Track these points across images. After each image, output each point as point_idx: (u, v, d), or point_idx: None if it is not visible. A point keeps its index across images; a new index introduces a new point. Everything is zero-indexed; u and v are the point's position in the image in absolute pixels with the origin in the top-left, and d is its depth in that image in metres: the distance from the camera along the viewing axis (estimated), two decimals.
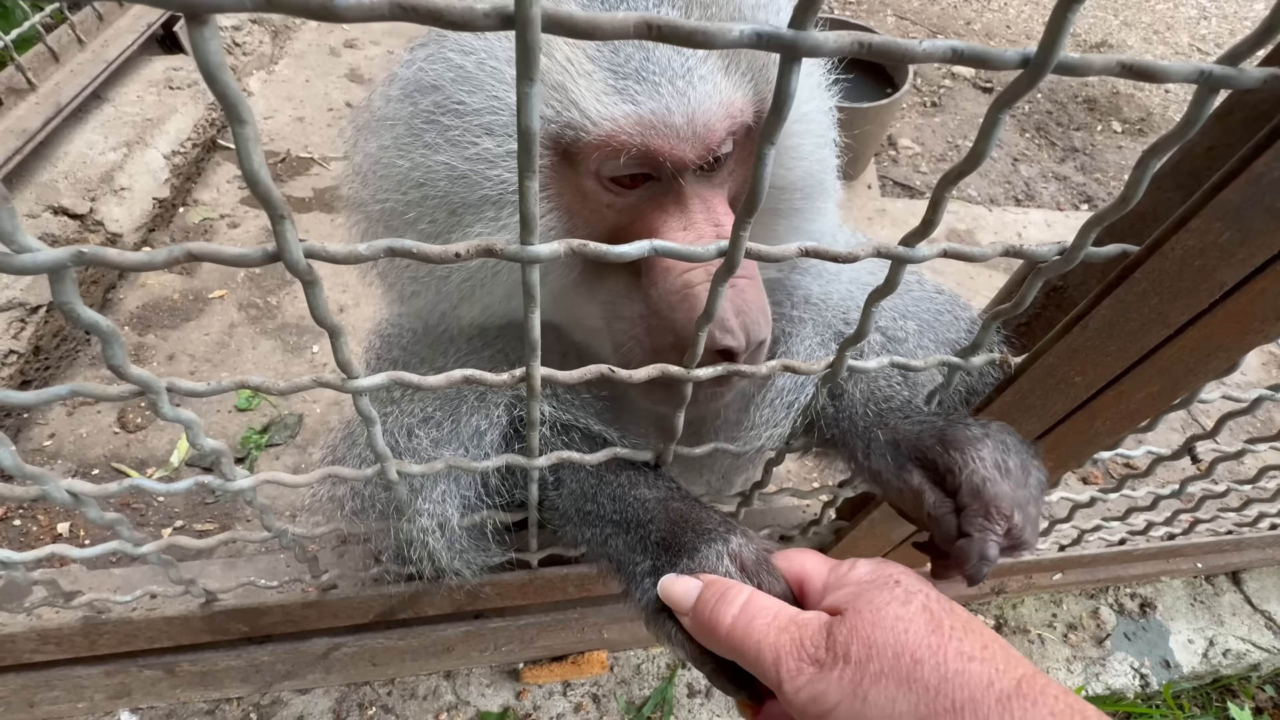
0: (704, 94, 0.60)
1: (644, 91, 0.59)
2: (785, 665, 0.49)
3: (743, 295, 0.64)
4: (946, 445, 0.63)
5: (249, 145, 0.32)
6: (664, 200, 0.65)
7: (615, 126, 0.59)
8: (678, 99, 0.59)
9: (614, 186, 0.64)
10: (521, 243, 0.41)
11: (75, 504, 0.59)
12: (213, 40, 0.28)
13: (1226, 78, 0.37)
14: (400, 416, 0.77)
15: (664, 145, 0.60)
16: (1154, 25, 4.88)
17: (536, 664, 1.43)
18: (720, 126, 0.61)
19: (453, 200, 0.63)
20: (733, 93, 0.63)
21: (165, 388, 0.48)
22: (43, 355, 1.95)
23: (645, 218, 0.65)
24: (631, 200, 0.65)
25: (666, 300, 0.64)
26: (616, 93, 0.59)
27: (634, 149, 0.60)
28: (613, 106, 0.59)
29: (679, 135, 0.60)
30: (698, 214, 0.65)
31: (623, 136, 0.59)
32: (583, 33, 0.30)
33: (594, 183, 0.64)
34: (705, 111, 0.60)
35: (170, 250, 0.37)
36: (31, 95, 2.23)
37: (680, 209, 0.65)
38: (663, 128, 0.59)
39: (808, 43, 0.32)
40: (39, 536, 1.72)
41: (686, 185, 0.64)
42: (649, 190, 0.65)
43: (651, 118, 0.59)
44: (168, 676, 1.19)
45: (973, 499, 0.60)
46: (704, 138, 0.61)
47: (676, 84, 0.59)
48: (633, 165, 0.62)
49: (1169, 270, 0.53)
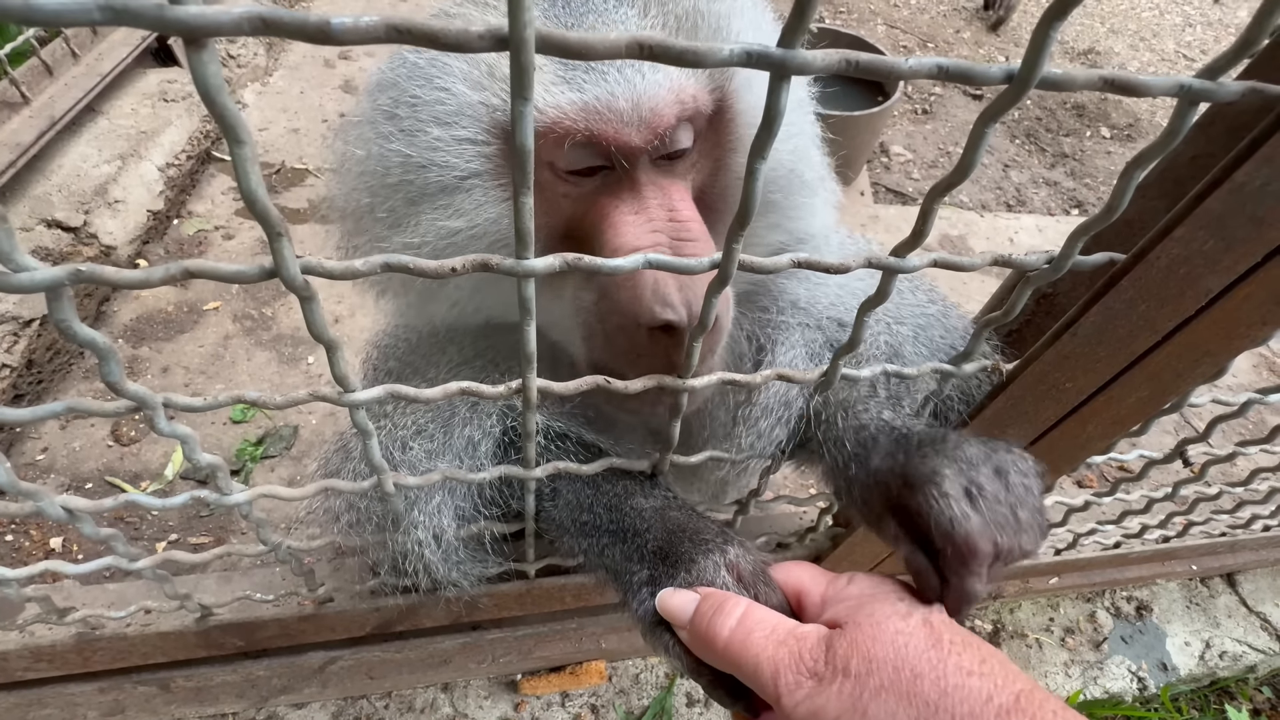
0: (653, 81, 0.61)
1: (590, 80, 0.60)
2: (784, 679, 0.49)
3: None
4: (910, 487, 0.58)
5: (247, 165, 0.32)
6: (618, 188, 0.66)
7: (560, 113, 0.60)
8: (624, 85, 0.60)
9: (570, 177, 0.65)
10: (516, 257, 0.41)
11: (70, 520, 0.59)
12: (211, 63, 0.29)
13: (1206, 91, 0.38)
14: (393, 430, 0.77)
15: (608, 130, 0.61)
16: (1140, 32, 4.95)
17: (534, 675, 1.42)
18: (669, 112, 0.62)
19: (408, 189, 0.65)
20: (684, 80, 0.63)
21: (161, 403, 0.48)
22: (36, 369, 1.94)
23: (599, 205, 0.66)
24: (586, 189, 0.66)
25: (613, 280, 0.65)
26: (564, 82, 0.61)
27: (579, 134, 0.61)
28: (559, 95, 0.60)
29: (624, 120, 0.61)
30: (651, 199, 0.65)
31: (567, 123, 0.60)
32: (575, 53, 0.31)
33: (549, 174, 0.65)
34: (653, 97, 0.61)
35: (167, 268, 0.37)
36: (25, 109, 2.23)
37: (634, 195, 0.65)
38: (607, 113, 0.60)
39: (796, 61, 0.32)
40: (31, 552, 1.70)
41: (640, 173, 0.65)
42: (603, 179, 0.66)
43: (596, 104, 0.60)
44: (162, 693, 1.17)
45: (945, 543, 0.54)
46: (651, 123, 0.62)
47: (625, 72, 0.61)
48: (583, 154, 0.63)
49: (1155, 278, 0.54)
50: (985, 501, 0.55)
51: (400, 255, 0.41)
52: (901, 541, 0.59)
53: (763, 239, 0.78)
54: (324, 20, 0.28)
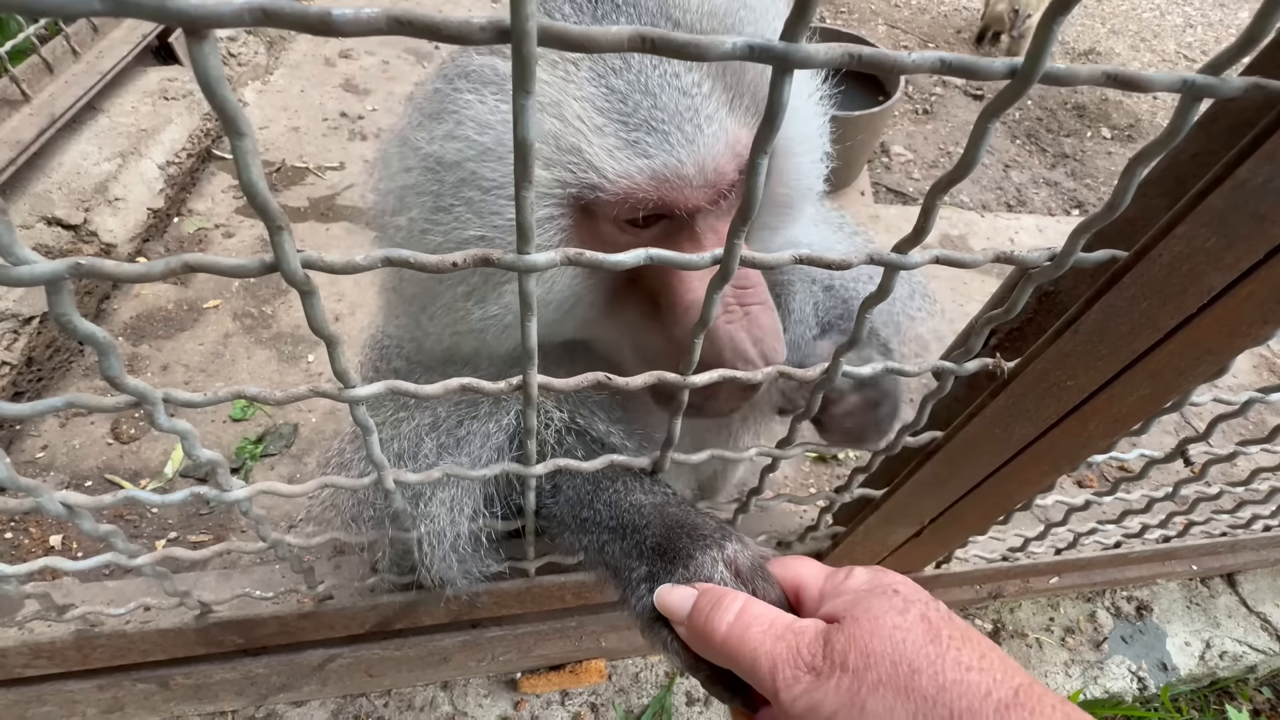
0: (711, 136, 0.62)
1: (655, 143, 0.61)
2: (781, 673, 0.49)
3: (757, 322, 0.67)
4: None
5: (247, 158, 0.32)
6: (678, 236, 0.68)
7: (631, 184, 0.61)
8: (687, 149, 0.61)
9: (629, 228, 0.66)
10: (518, 252, 0.41)
11: (70, 516, 0.59)
12: (211, 55, 0.29)
13: (1209, 87, 0.38)
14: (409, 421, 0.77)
15: (678, 196, 0.63)
16: (1141, 33, 4.95)
17: (534, 673, 1.42)
18: (729, 168, 0.64)
19: (488, 269, 0.66)
20: (738, 130, 0.64)
21: (161, 398, 0.48)
22: (36, 366, 1.94)
23: None
24: (646, 239, 0.67)
25: (688, 333, 0.66)
26: (629, 146, 0.61)
27: (650, 202, 0.62)
28: (626, 163, 0.61)
29: (691, 184, 0.62)
30: (710, 247, 0.67)
31: (639, 193, 0.62)
32: (578, 46, 0.31)
33: (611, 227, 0.66)
34: (714, 156, 0.62)
35: (167, 261, 0.37)
36: (25, 106, 2.22)
37: (693, 242, 0.67)
38: (675, 180, 0.62)
39: (799, 55, 0.32)
40: (31, 549, 1.70)
41: (699, 222, 0.67)
42: (663, 228, 0.68)
43: (664, 170, 0.61)
44: (161, 690, 1.17)
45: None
46: (714, 183, 0.64)
47: (685, 129, 0.61)
48: (646, 210, 0.64)
49: (1157, 275, 0.54)
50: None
51: (402, 250, 0.40)
52: None
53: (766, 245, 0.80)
54: (325, 12, 0.28)
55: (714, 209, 0.67)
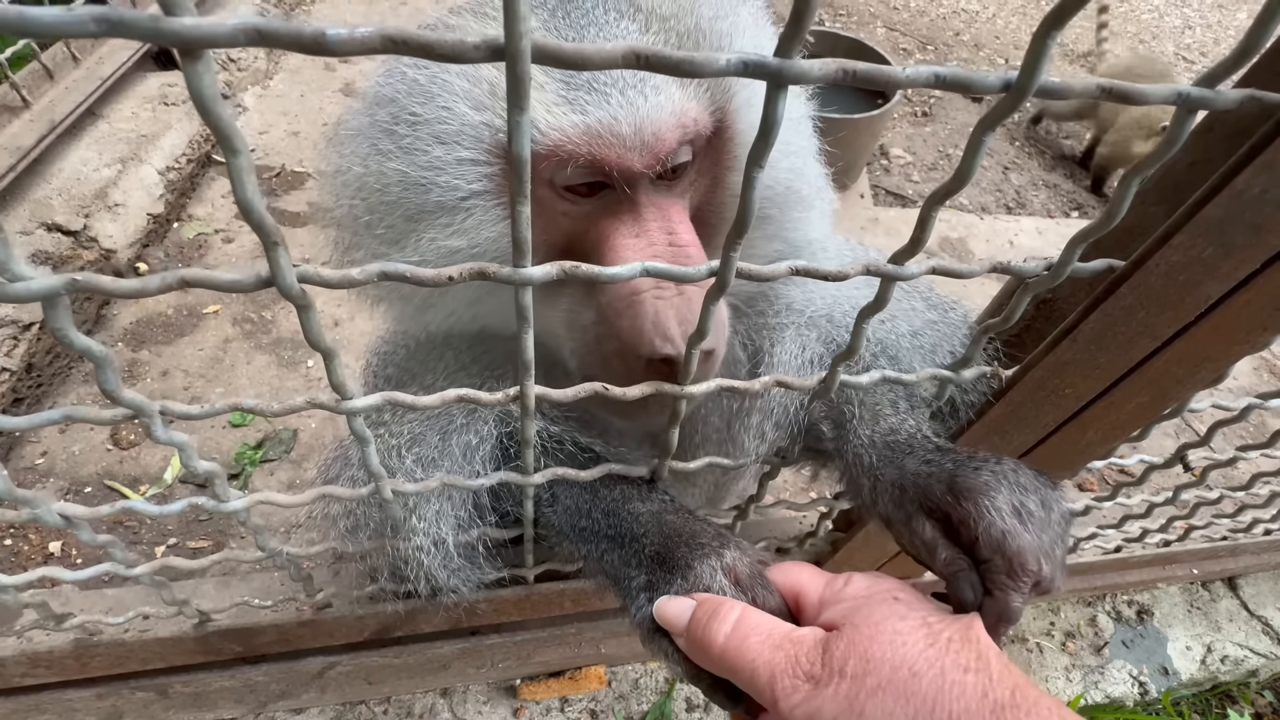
0: (655, 104, 0.61)
1: (593, 102, 0.60)
2: (780, 683, 0.48)
3: (689, 304, 0.63)
4: (957, 494, 0.59)
5: (242, 175, 0.32)
6: (618, 208, 0.65)
7: (563, 136, 0.60)
8: (626, 109, 0.60)
9: (569, 195, 0.65)
10: (514, 266, 0.41)
11: (68, 526, 0.59)
12: (206, 74, 0.29)
13: (1204, 99, 0.38)
14: (390, 437, 0.77)
15: (610, 154, 0.61)
16: (1140, 35, 4.95)
17: (534, 680, 1.42)
18: (670, 136, 0.62)
19: (408, 207, 0.65)
20: (686, 102, 0.63)
21: (159, 411, 0.48)
22: (35, 373, 1.94)
23: (599, 225, 0.66)
24: (586, 209, 0.66)
25: (613, 307, 0.64)
26: (567, 103, 0.60)
27: (581, 158, 0.61)
28: (561, 117, 0.60)
29: (626, 144, 0.61)
30: (651, 221, 0.65)
31: (569, 146, 0.60)
32: (571, 63, 0.31)
33: (549, 191, 0.64)
34: (655, 121, 0.61)
35: (163, 278, 0.37)
36: (26, 113, 2.23)
37: (634, 216, 0.65)
38: (609, 137, 0.60)
39: (793, 71, 0.32)
40: (30, 556, 1.70)
41: (640, 194, 0.65)
42: (604, 199, 0.66)
43: (598, 127, 0.60)
44: (160, 698, 1.17)
45: (994, 554, 0.55)
46: (653, 147, 0.62)
47: (628, 94, 0.60)
48: (584, 174, 0.63)
49: (1154, 284, 0.54)
50: (1034, 525, 0.56)
51: (397, 264, 0.40)
52: (940, 545, 0.59)
53: (759, 250, 0.78)
54: (319, 31, 0.28)
55: (661, 185, 0.66)
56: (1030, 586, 0.55)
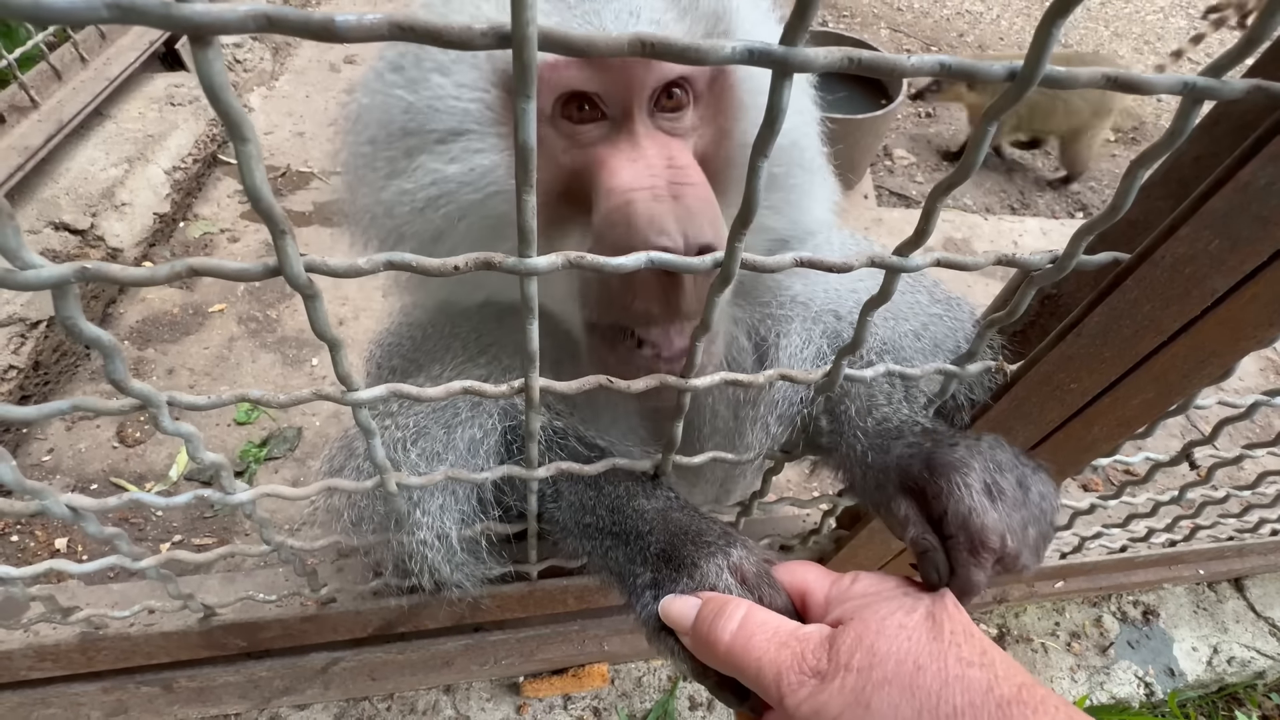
0: (648, 21, 0.62)
1: (580, 17, 0.61)
2: (786, 680, 0.48)
3: (685, 205, 0.61)
4: (933, 471, 0.59)
5: (251, 163, 0.32)
6: (615, 137, 0.65)
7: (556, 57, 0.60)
8: (616, 23, 0.61)
9: (566, 126, 0.64)
10: (519, 255, 0.41)
11: (75, 519, 0.59)
12: (216, 60, 0.29)
13: (1210, 89, 0.38)
14: (394, 430, 0.77)
15: (602, 70, 0.61)
16: (1144, 36, 4.94)
17: (537, 677, 1.42)
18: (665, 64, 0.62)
19: (408, 135, 0.66)
20: (678, 30, 0.64)
21: (166, 401, 0.48)
22: (42, 370, 1.96)
23: (596, 155, 0.65)
24: (583, 142, 0.65)
25: (608, 219, 0.62)
26: (563, 26, 0.61)
27: (575, 75, 0.61)
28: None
29: (619, 62, 0.61)
30: (648, 147, 0.64)
31: (564, 66, 0.61)
32: (579, 50, 0.31)
33: (546, 126, 0.64)
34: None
35: (172, 265, 0.37)
36: (34, 113, 2.25)
37: (630, 142, 0.64)
38: None
39: (798, 59, 0.32)
40: (36, 552, 1.71)
41: (638, 124, 0.64)
42: (601, 128, 0.65)
43: None
44: (165, 693, 1.18)
45: (959, 530, 0.55)
46: (647, 66, 0.61)
47: (621, 16, 0.62)
48: (571, 89, 0.63)
49: (1160, 277, 0.53)
50: (1004, 504, 0.57)
51: (404, 254, 0.41)
52: (912, 520, 0.60)
53: (764, 223, 0.77)
54: (328, 18, 0.28)
55: (661, 116, 0.65)
56: (993, 563, 0.55)
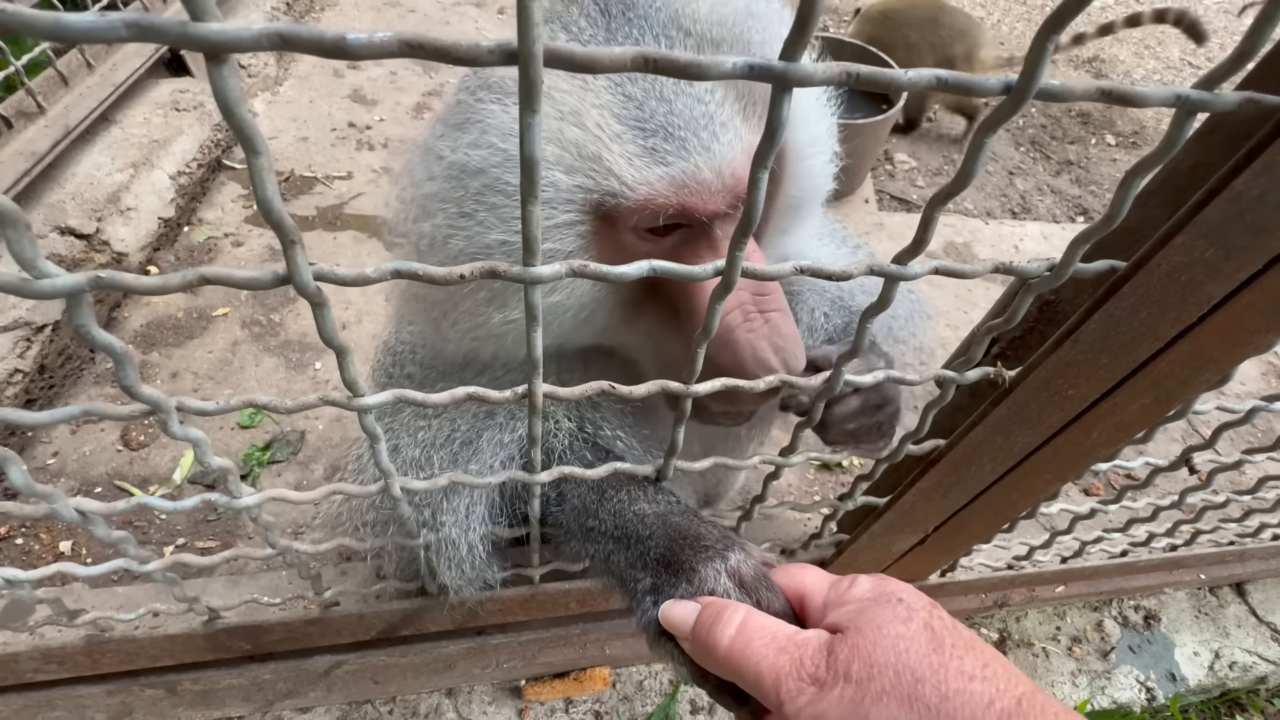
0: (728, 143, 0.63)
1: (672, 149, 0.62)
2: (785, 686, 0.49)
3: (778, 330, 0.67)
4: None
5: (263, 175, 0.33)
6: (696, 244, 0.68)
7: (651, 190, 0.62)
8: (705, 155, 0.62)
9: (650, 236, 0.68)
10: (524, 265, 0.42)
11: (83, 522, 0.60)
12: (230, 77, 0.30)
13: (1203, 102, 0.39)
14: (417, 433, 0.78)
15: (697, 202, 0.64)
16: (1145, 40, 4.95)
17: (539, 681, 1.42)
18: (746, 174, 0.64)
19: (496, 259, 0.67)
20: (752, 137, 0.66)
21: (175, 407, 0.49)
22: (48, 374, 1.97)
23: (680, 260, 0.68)
24: (666, 246, 0.68)
25: (714, 344, 0.66)
26: (648, 153, 0.62)
27: (670, 209, 0.64)
28: (645, 170, 0.62)
29: (710, 190, 0.63)
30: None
31: (659, 199, 0.63)
32: (582, 67, 0.32)
33: (631, 235, 0.67)
34: (731, 161, 0.63)
35: (184, 274, 0.38)
36: (41, 118, 2.26)
37: (711, 250, 0.68)
38: (694, 185, 0.63)
39: (797, 74, 0.33)
40: (41, 555, 1.72)
41: (717, 227, 0.68)
42: (682, 235, 0.69)
43: (683, 177, 0.62)
44: (169, 696, 1.18)
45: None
46: (733, 188, 0.65)
47: (700, 135, 0.62)
48: (668, 218, 0.65)
49: (1156, 285, 0.54)
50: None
51: (411, 263, 0.41)
52: None
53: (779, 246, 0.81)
54: (340, 35, 0.29)
55: (734, 214, 0.68)
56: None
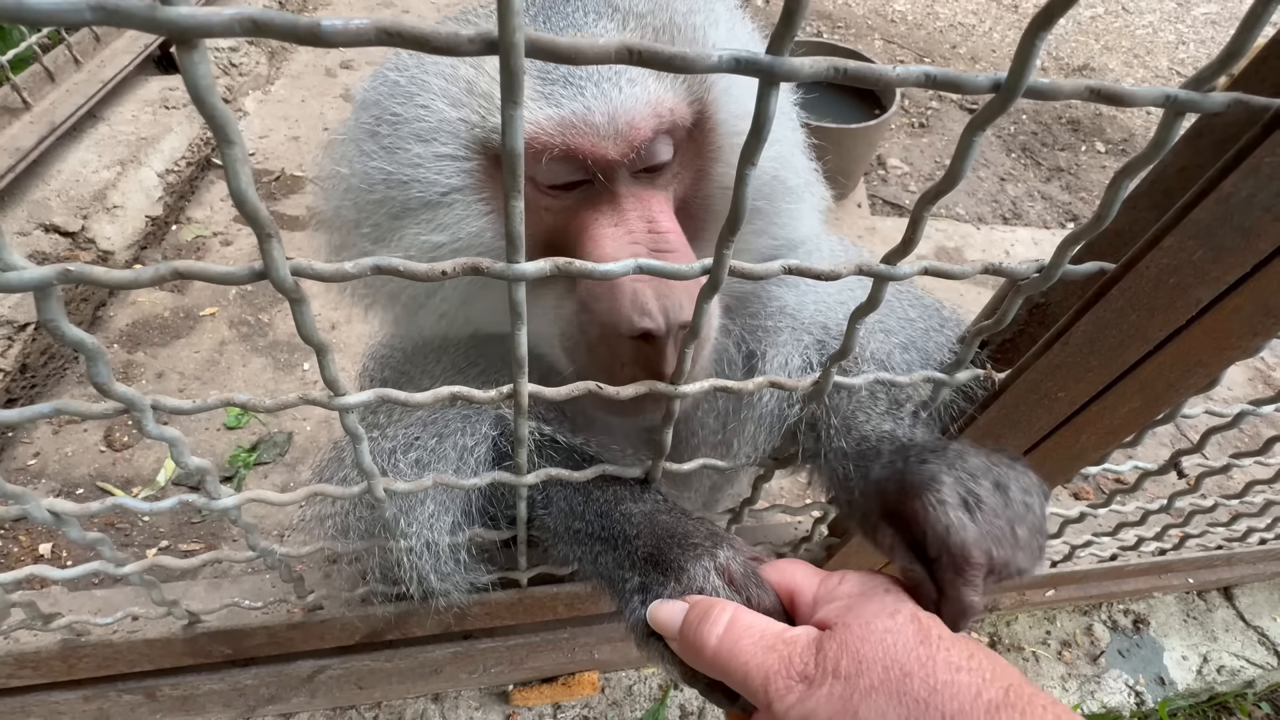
0: (630, 95, 0.62)
1: (568, 95, 0.61)
2: (774, 685, 0.48)
3: (666, 282, 0.62)
4: (906, 492, 0.57)
5: (237, 165, 0.32)
6: (597, 201, 0.66)
7: (536, 128, 0.61)
8: (601, 100, 0.61)
9: (550, 191, 0.66)
10: (508, 261, 0.41)
11: (57, 523, 0.58)
12: (201, 64, 0.29)
13: (1191, 102, 0.38)
14: (383, 440, 0.76)
15: (584, 144, 0.62)
16: (1134, 50, 5.01)
17: (526, 685, 1.41)
18: (645, 125, 0.63)
19: (391, 204, 0.66)
20: (663, 93, 0.64)
21: (150, 405, 0.48)
22: (29, 373, 1.94)
23: (579, 218, 0.67)
24: (567, 203, 0.67)
25: (592, 293, 0.65)
26: (542, 97, 0.62)
27: (555, 149, 0.62)
28: (536, 110, 0.61)
29: (600, 134, 0.62)
30: (630, 211, 0.66)
31: (544, 137, 0.61)
32: (565, 57, 0.31)
33: (529, 188, 0.65)
34: (629, 111, 0.62)
35: (157, 268, 0.37)
36: (26, 114, 2.23)
37: (613, 207, 0.66)
38: (583, 126, 0.61)
39: (784, 68, 0.33)
40: (20, 558, 1.69)
41: (619, 186, 0.65)
42: (584, 193, 0.67)
43: (572, 118, 0.61)
44: (148, 701, 1.16)
45: (940, 551, 0.53)
46: (627, 136, 0.62)
47: (602, 86, 0.62)
48: (562, 169, 0.64)
49: (1145, 287, 0.54)
50: (983, 513, 0.54)
51: (391, 259, 0.41)
52: (897, 550, 0.58)
53: (749, 245, 0.78)
54: (314, 22, 0.28)
55: (641, 178, 0.66)
56: (983, 577, 0.53)
